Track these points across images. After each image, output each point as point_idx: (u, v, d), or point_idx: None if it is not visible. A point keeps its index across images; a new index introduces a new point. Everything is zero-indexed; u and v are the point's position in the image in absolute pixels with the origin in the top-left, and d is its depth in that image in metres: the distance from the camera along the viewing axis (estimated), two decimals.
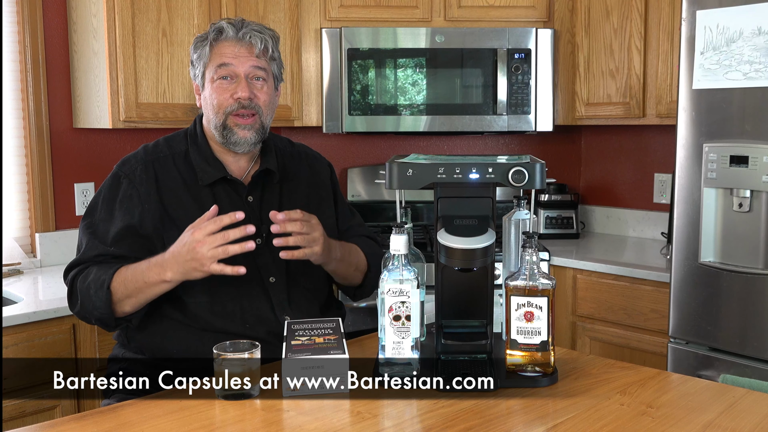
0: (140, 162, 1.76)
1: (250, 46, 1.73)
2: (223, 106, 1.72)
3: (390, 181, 1.48)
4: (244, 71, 1.73)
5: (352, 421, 1.28)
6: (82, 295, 1.66)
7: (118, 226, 1.71)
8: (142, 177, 1.73)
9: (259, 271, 1.74)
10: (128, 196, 1.72)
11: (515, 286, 1.44)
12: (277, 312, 1.72)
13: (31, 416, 2.08)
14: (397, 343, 1.42)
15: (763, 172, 2.11)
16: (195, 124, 1.83)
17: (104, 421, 1.29)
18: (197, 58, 1.77)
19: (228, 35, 1.73)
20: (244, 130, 1.73)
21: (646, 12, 2.82)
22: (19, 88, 2.69)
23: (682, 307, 2.32)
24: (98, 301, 1.63)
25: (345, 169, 3.31)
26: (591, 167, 3.49)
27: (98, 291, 1.62)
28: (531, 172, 1.45)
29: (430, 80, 2.93)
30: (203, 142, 1.79)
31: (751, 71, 2.12)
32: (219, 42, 1.74)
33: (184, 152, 1.78)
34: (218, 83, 1.73)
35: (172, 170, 1.76)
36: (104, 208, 1.74)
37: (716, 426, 1.26)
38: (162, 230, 1.70)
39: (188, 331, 1.69)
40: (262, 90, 1.75)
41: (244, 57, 1.73)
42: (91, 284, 1.64)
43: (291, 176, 1.86)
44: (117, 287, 1.63)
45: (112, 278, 1.63)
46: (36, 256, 2.74)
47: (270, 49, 1.76)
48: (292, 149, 1.93)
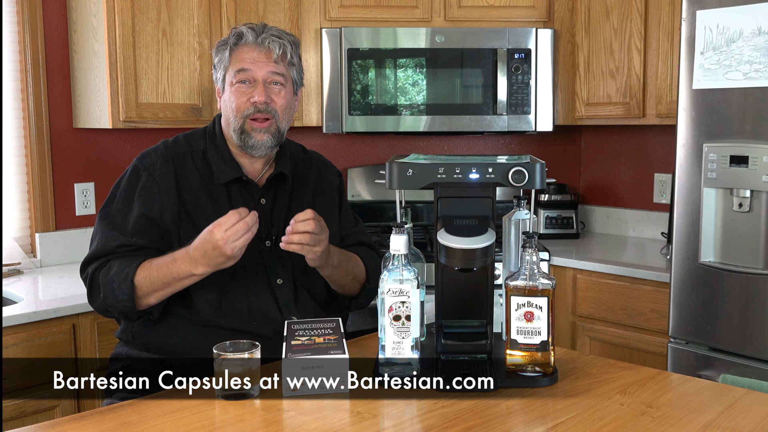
0: (160, 156, 1.78)
1: (269, 52, 1.75)
2: (240, 110, 1.75)
3: (390, 181, 1.48)
4: (262, 76, 1.75)
5: (352, 421, 1.28)
6: (105, 288, 1.67)
7: (136, 216, 1.72)
8: (162, 170, 1.75)
9: (267, 273, 1.76)
10: (147, 188, 1.74)
11: (515, 286, 1.44)
12: (283, 312, 1.74)
13: (31, 416, 2.08)
14: (397, 343, 1.42)
15: (763, 172, 2.11)
16: (214, 123, 1.85)
17: (104, 421, 1.29)
18: (218, 62, 1.80)
19: (247, 40, 1.76)
20: (261, 133, 1.75)
21: (646, 12, 2.82)
22: (19, 88, 2.69)
23: (682, 307, 2.32)
24: (122, 294, 1.64)
25: (345, 169, 3.31)
26: (591, 167, 3.49)
27: (122, 284, 1.64)
28: (531, 172, 1.45)
29: (430, 80, 2.93)
30: (221, 141, 1.81)
31: (751, 71, 2.12)
32: (239, 47, 1.76)
33: (202, 150, 1.81)
34: (237, 87, 1.76)
35: (191, 167, 1.78)
36: (122, 199, 1.75)
37: (716, 426, 1.26)
38: (179, 225, 1.72)
39: (195, 327, 1.71)
40: (279, 95, 1.77)
41: (262, 62, 1.75)
42: (114, 277, 1.65)
43: (302, 182, 1.89)
44: (141, 281, 1.64)
45: (135, 271, 1.64)
46: (36, 256, 2.74)
47: (289, 55, 1.78)
48: (304, 156, 1.96)
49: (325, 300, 1.85)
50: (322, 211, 1.87)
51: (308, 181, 1.91)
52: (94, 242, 1.75)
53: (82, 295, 2.26)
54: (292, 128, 3.11)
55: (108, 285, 1.66)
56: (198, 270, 1.61)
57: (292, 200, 1.85)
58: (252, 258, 1.74)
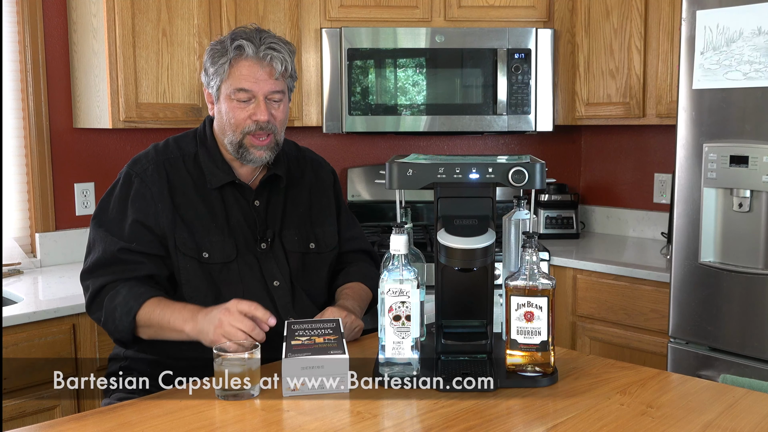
0: (151, 162, 1.77)
1: (271, 69, 1.72)
2: (240, 126, 1.73)
3: (390, 181, 1.48)
4: (263, 93, 1.73)
5: (352, 421, 1.28)
6: (107, 313, 1.67)
7: (130, 222, 1.71)
8: (154, 176, 1.74)
9: (263, 275, 1.75)
10: (141, 195, 1.73)
11: (515, 286, 1.44)
12: (281, 314, 1.73)
13: (31, 416, 2.08)
14: (397, 343, 1.42)
15: (763, 172, 2.11)
16: (204, 126, 1.83)
17: (104, 421, 1.29)
18: (213, 72, 1.75)
19: (248, 54, 1.71)
20: (260, 150, 1.74)
21: (646, 12, 2.82)
22: (19, 88, 2.69)
23: (682, 307, 2.32)
24: (122, 326, 1.65)
25: (345, 169, 3.31)
26: (591, 167, 3.49)
27: (123, 317, 1.64)
28: (531, 172, 1.45)
29: (430, 80, 2.93)
30: (213, 145, 1.80)
31: (751, 71, 2.12)
32: (239, 61, 1.72)
33: (193, 154, 1.79)
34: (236, 103, 1.73)
35: (182, 171, 1.77)
36: (116, 207, 1.74)
37: (716, 426, 1.26)
38: (174, 230, 1.71)
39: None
40: (279, 109, 1.76)
41: (263, 81, 1.72)
42: (118, 307, 1.65)
43: (295, 182, 1.88)
44: (142, 318, 1.64)
45: (140, 308, 1.64)
46: (36, 256, 2.74)
47: (289, 69, 1.76)
48: (297, 153, 1.94)
49: (324, 301, 1.85)
50: (319, 212, 1.88)
51: (302, 181, 1.90)
52: (95, 250, 1.73)
53: (82, 295, 2.27)
54: (292, 128, 3.13)
55: (110, 313, 1.66)
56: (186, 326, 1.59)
57: (286, 200, 1.84)
58: (247, 261, 1.74)
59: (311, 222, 1.86)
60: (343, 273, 1.91)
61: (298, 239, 1.82)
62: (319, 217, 1.88)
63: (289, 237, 1.81)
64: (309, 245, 1.84)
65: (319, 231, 1.87)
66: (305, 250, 1.83)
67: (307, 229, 1.85)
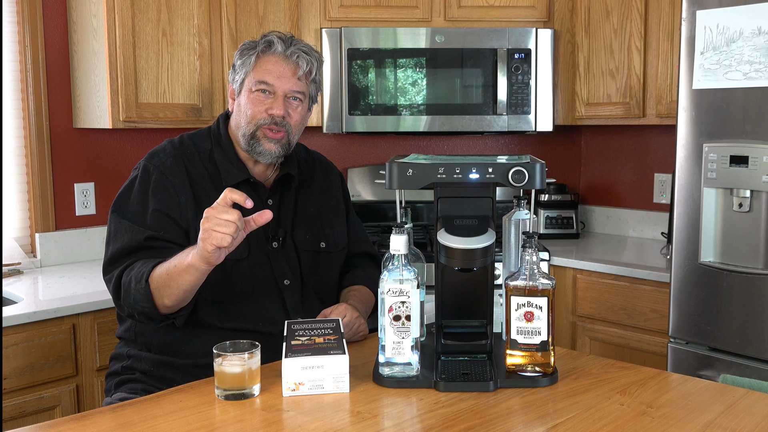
0: (169, 155, 1.76)
1: (296, 67, 1.74)
2: (256, 118, 1.74)
3: (390, 181, 1.48)
4: (283, 91, 1.74)
5: (352, 421, 1.28)
6: (124, 288, 1.63)
7: (151, 211, 1.69)
8: (173, 169, 1.74)
9: (274, 274, 1.75)
10: (162, 187, 1.72)
11: (515, 286, 1.44)
12: (290, 313, 1.74)
13: (31, 416, 2.08)
14: (397, 343, 1.42)
15: (763, 172, 2.11)
16: (219, 124, 1.84)
17: (104, 421, 1.29)
18: (240, 65, 1.77)
19: (276, 50, 1.74)
20: (271, 142, 1.74)
21: (646, 12, 2.82)
22: (19, 88, 2.69)
23: (682, 307, 2.32)
24: (138, 295, 1.59)
25: (345, 169, 3.31)
26: (591, 167, 3.49)
27: (137, 284, 1.59)
28: (531, 172, 1.45)
29: (430, 80, 2.93)
30: (227, 143, 1.81)
31: (751, 71, 2.12)
32: (266, 55, 1.74)
33: (209, 151, 1.80)
34: (255, 95, 1.74)
35: (200, 167, 1.77)
36: (138, 200, 1.72)
37: (716, 426, 1.26)
38: (196, 221, 1.68)
39: (199, 328, 1.69)
40: (296, 110, 1.77)
41: (286, 78, 1.74)
42: (132, 278, 1.61)
43: (306, 182, 1.89)
44: (154, 279, 1.59)
45: (151, 270, 1.59)
46: (36, 256, 2.74)
47: (313, 72, 1.78)
48: (307, 155, 1.96)
49: (334, 301, 1.85)
50: (328, 212, 1.89)
51: (312, 182, 1.91)
52: (116, 240, 1.69)
53: (82, 295, 2.28)
54: None
55: (127, 285, 1.62)
56: (188, 257, 1.51)
57: (297, 200, 1.85)
58: (259, 259, 1.74)
59: (321, 222, 1.87)
60: (349, 275, 1.92)
61: (309, 238, 1.83)
62: (329, 217, 1.89)
63: (300, 236, 1.82)
64: (320, 244, 1.85)
65: (329, 231, 1.87)
66: (317, 249, 1.84)
67: (318, 229, 1.86)
